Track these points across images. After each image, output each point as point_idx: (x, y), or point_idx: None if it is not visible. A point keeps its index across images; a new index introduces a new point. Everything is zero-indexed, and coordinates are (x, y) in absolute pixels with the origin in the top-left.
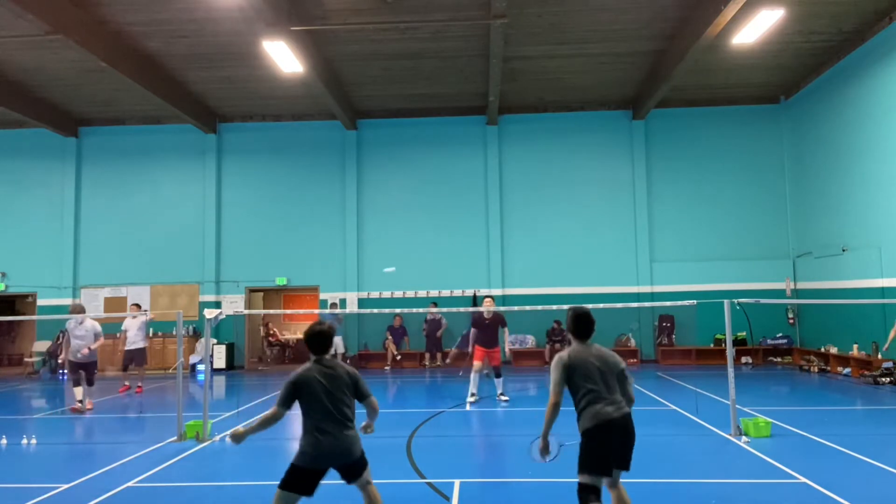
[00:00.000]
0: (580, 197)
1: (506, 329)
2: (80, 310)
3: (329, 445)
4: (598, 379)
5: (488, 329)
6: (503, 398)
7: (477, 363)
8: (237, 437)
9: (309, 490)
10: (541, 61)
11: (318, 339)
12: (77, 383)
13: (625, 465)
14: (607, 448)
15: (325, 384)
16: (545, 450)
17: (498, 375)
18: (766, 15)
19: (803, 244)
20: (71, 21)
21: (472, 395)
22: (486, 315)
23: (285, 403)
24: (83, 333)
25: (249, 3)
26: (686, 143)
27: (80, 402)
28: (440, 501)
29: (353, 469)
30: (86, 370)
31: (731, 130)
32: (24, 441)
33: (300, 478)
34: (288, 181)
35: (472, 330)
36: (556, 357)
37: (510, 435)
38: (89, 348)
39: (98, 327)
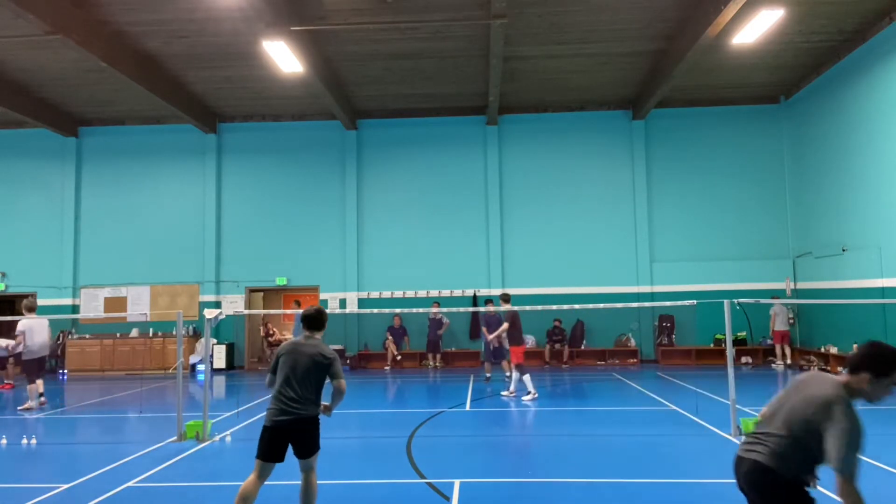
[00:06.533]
0: (580, 197)
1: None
2: (27, 307)
3: None
4: None
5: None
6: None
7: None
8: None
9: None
10: (541, 61)
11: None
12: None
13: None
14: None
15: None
16: None
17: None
18: (766, 15)
19: (803, 244)
20: (71, 21)
21: (530, 393)
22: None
23: None
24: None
25: (249, 3)
26: (686, 143)
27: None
28: (440, 501)
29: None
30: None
31: (731, 130)
32: (24, 441)
33: None
34: (288, 181)
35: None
36: None
37: (510, 435)
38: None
39: (20, 327)
